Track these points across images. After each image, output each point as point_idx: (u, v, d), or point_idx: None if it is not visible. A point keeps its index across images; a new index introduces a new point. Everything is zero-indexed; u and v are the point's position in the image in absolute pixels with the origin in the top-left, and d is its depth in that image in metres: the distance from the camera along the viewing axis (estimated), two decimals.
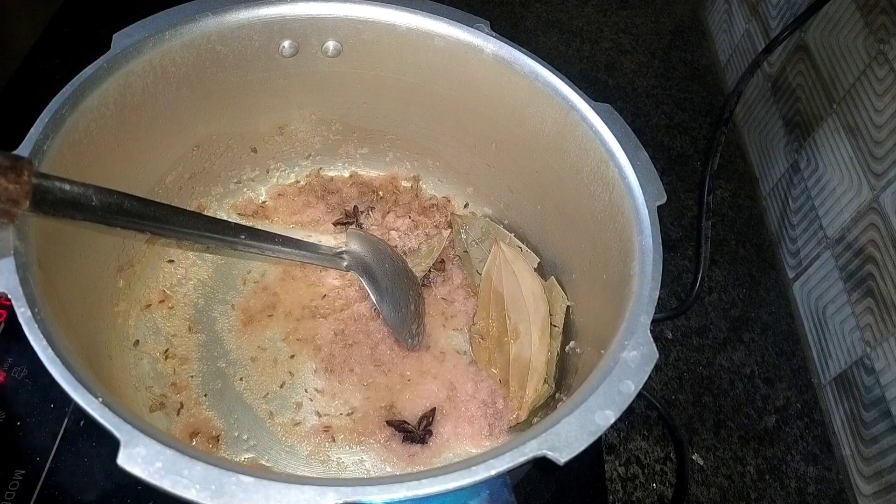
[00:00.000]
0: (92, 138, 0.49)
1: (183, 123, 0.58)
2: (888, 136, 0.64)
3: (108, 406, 0.35)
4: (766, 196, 0.85)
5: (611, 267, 0.51)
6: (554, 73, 0.55)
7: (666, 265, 0.46)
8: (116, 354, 0.55)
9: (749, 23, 0.92)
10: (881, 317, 0.62)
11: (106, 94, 0.49)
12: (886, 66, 0.65)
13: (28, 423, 0.54)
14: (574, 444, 0.37)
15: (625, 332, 0.43)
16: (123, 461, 0.33)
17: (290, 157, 0.68)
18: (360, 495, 0.34)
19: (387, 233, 0.67)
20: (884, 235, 0.63)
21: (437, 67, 0.58)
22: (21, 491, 0.51)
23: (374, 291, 0.61)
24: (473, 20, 0.56)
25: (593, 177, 0.53)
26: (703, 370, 0.70)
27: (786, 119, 0.82)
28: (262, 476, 0.34)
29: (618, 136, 0.52)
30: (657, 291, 0.44)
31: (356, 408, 0.57)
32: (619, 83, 0.97)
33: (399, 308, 0.60)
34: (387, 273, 0.62)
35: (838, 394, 0.68)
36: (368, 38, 0.58)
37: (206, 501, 0.33)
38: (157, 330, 0.59)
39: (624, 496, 0.61)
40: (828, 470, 0.65)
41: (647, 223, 0.48)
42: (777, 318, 0.75)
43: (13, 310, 0.38)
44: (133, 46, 0.51)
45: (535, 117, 0.57)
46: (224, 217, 0.65)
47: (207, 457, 0.34)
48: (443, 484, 0.35)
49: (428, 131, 0.65)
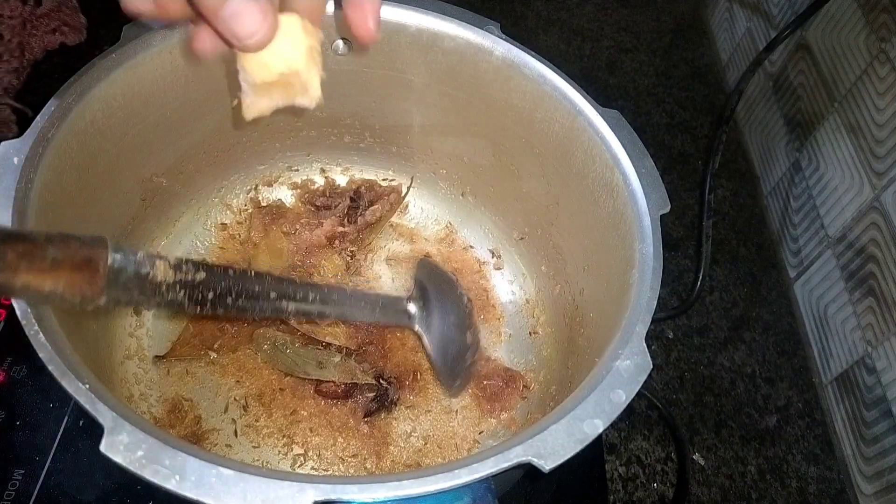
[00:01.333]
0: (98, 128, 0.49)
1: (191, 117, 0.58)
2: (889, 134, 0.64)
3: (94, 393, 0.35)
4: (768, 195, 0.85)
5: (612, 276, 0.51)
6: (562, 78, 0.55)
7: (667, 264, 0.46)
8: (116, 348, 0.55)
9: (750, 21, 0.92)
10: (882, 316, 0.62)
11: (114, 84, 0.49)
12: (888, 64, 0.65)
13: (28, 422, 0.54)
14: (560, 452, 0.36)
15: (619, 341, 0.42)
16: (106, 448, 0.33)
17: (295, 154, 0.68)
18: (339, 493, 0.33)
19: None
20: (885, 235, 0.63)
21: (446, 68, 0.58)
22: (20, 491, 0.51)
23: (433, 351, 0.56)
24: (484, 22, 0.56)
25: (598, 183, 0.53)
26: (704, 370, 0.70)
27: (787, 118, 0.81)
28: (243, 470, 0.34)
29: (624, 142, 0.52)
30: (655, 301, 0.44)
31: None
32: (619, 82, 0.97)
33: (455, 362, 0.57)
34: (451, 325, 0.57)
35: (839, 393, 0.68)
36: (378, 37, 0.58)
37: (185, 493, 0.33)
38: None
39: (624, 496, 0.61)
40: (829, 470, 0.65)
41: (649, 231, 0.47)
42: (778, 318, 0.75)
43: (13, 309, 0.37)
44: (142, 38, 0.51)
45: (542, 121, 0.57)
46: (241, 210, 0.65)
47: (190, 448, 0.34)
48: (424, 486, 0.35)
49: (435, 132, 0.65)
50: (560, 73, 0.55)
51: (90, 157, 0.49)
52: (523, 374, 0.61)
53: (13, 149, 0.43)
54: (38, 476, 0.52)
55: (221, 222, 0.66)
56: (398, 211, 0.69)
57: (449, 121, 0.63)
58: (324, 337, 0.59)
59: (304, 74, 0.37)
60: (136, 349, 0.57)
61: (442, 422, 0.58)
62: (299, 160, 0.69)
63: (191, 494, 0.33)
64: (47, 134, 0.45)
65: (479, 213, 0.69)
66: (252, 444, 0.55)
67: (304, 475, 0.39)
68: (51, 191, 0.44)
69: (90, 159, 0.49)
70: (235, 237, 0.66)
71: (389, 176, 0.70)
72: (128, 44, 0.50)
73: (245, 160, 0.66)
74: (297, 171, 0.70)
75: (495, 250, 0.68)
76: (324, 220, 0.65)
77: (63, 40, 0.70)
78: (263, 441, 0.55)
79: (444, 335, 0.57)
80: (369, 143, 0.68)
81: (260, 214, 0.66)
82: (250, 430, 0.55)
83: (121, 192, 0.55)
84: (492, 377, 0.60)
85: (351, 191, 0.68)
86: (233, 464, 0.34)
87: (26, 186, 0.42)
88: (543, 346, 0.62)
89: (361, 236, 0.66)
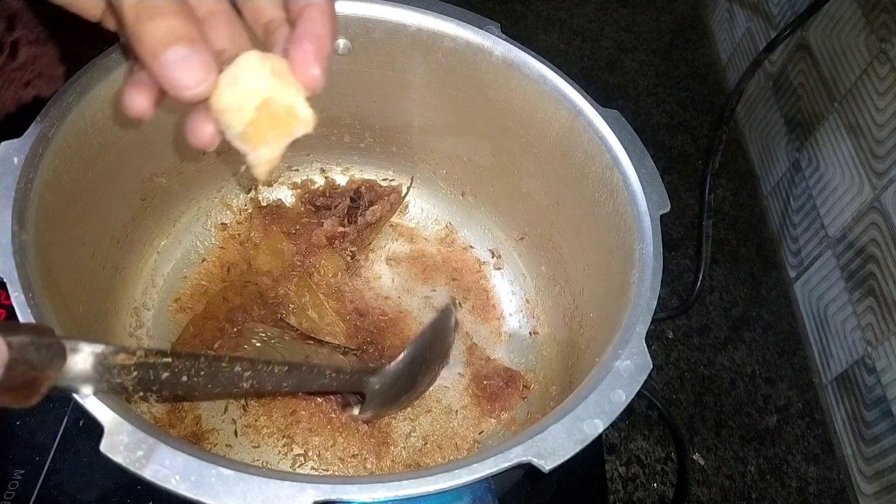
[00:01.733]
0: (98, 128, 0.49)
1: None
2: (889, 134, 0.64)
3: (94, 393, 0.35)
4: (768, 195, 0.85)
5: (613, 276, 0.51)
6: (562, 78, 0.55)
7: (667, 264, 0.46)
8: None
9: (750, 21, 0.92)
10: (882, 316, 0.62)
11: (114, 84, 0.49)
12: (888, 64, 0.65)
13: (28, 422, 0.54)
14: (560, 452, 0.36)
15: (619, 340, 0.42)
16: (106, 448, 0.33)
17: (295, 154, 0.68)
18: (339, 493, 0.33)
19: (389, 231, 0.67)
20: (885, 235, 0.63)
21: (446, 68, 0.58)
22: (20, 491, 0.51)
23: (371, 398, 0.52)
24: (484, 22, 0.56)
25: (598, 183, 0.53)
26: (704, 370, 0.70)
27: (787, 118, 0.81)
28: (243, 470, 0.34)
29: (624, 142, 0.52)
30: (655, 301, 0.44)
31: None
32: (619, 82, 0.97)
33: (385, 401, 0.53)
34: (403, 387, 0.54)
35: (839, 393, 0.68)
36: (378, 37, 0.58)
37: (185, 493, 0.33)
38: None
39: (625, 496, 0.61)
40: (829, 470, 0.65)
41: (649, 232, 0.47)
42: (778, 318, 0.75)
43: (13, 309, 0.37)
44: None
45: (542, 121, 0.57)
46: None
47: (190, 448, 0.34)
48: (424, 486, 0.34)
49: (435, 132, 0.65)
50: (560, 73, 0.55)
51: (90, 157, 0.49)
52: (523, 374, 0.61)
53: (13, 149, 0.43)
54: (38, 476, 0.52)
55: (221, 222, 0.66)
56: (398, 211, 0.69)
57: (449, 121, 0.63)
58: (323, 336, 0.59)
59: (281, 97, 0.35)
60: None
61: (442, 422, 0.58)
62: (299, 160, 0.69)
63: (191, 494, 0.33)
64: (47, 134, 0.45)
65: (479, 213, 0.69)
66: (252, 444, 0.55)
67: (304, 475, 0.39)
68: (51, 191, 0.44)
69: (90, 159, 0.49)
70: (235, 237, 0.66)
71: (389, 176, 0.70)
72: None
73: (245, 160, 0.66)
74: (297, 171, 0.69)
75: (495, 250, 0.68)
76: (324, 219, 0.65)
77: (37, 94, 0.67)
78: (263, 441, 0.55)
79: (389, 394, 0.53)
80: (369, 143, 0.68)
81: (260, 214, 0.66)
82: (250, 430, 0.55)
83: (121, 192, 0.55)
84: (492, 377, 0.60)
85: (351, 191, 0.68)
86: (233, 464, 0.34)
87: (26, 186, 0.42)
88: (543, 346, 0.62)
89: (362, 236, 0.66)
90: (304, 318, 0.60)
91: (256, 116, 0.35)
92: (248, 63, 0.34)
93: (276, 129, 0.36)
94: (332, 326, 0.60)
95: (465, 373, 0.61)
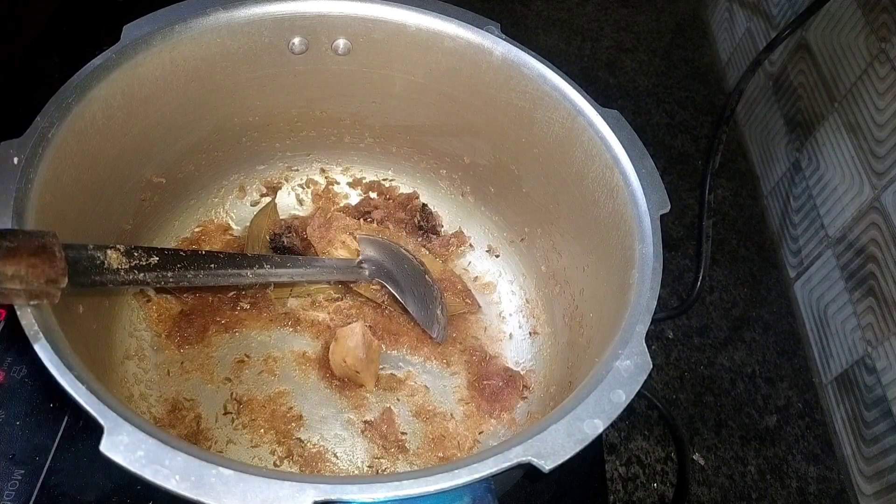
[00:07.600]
0: (98, 128, 0.49)
1: (191, 117, 0.58)
2: (889, 134, 0.64)
3: (94, 393, 0.35)
4: (768, 195, 0.85)
5: (612, 276, 0.51)
6: (562, 78, 0.55)
7: (667, 264, 0.46)
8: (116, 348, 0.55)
9: (750, 21, 0.92)
10: (882, 316, 0.62)
11: (114, 84, 0.50)
12: (888, 64, 0.65)
13: (27, 422, 0.54)
14: (560, 452, 0.37)
15: (619, 341, 0.42)
16: (106, 448, 0.33)
17: (295, 154, 0.68)
18: (339, 493, 0.33)
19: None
20: (885, 234, 0.63)
21: (446, 68, 0.58)
22: (20, 491, 0.51)
23: (400, 294, 0.61)
24: (484, 22, 0.56)
25: (598, 183, 0.53)
26: (704, 370, 0.70)
27: (787, 118, 0.81)
28: (243, 470, 0.34)
29: (624, 142, 0.52)
30: (655, 302, 0.44)
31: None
32: (620, 82, 0.97)
33: (426, 305, 0.61)
34: (407, 274, 0.62)
35: (839, 393, 0.68)
36: (378, 37, 0.58)
37: (185, 493, 0.33)
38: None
39: (625, 496, 0.61)
40: (829, 470, 0.65)
41: (649, 232, 0.47)
42: (778, 318, 0.75)
43: (13, 309, 0.37)
44: (142, 38, 0.51)
45: (542, 121, 0.57)
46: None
47: (190, 447, 0.34)
48: (424, 486, 0.35)
49: (435, 132, 0.65)
50: (560, 73, 0.55)
51: (90, 157, 0.49)
52: (523, 374, 0.61)
53: (13, 149, 0.43)
54: (38, 476, 0.52)
55: (221, 223, 0.66)
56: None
57: (449, 121, 0.63)
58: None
59: (363, 374, 0.57)
60: (136, 349, 0.57)
61: (442, 422, 0.58)
62: (299, 160, 0.69)
63: (191, 494, 0.33)
64: (47, 134, 0.45)
65: (479, 213, 0.69)
66: (252, 444, 0.55)
67: (304, 475, 0.39)
68: (51, 191, 0.44)
69: (90, 159, 0.49)
70: (235, 239, 0.66)
71: (389, 176, 0.70)
72: (127, 44, 0.50)
73: (245, 160, 0.66)
74: (297, 171, 0.70)
75: (495, 250, 0.68)
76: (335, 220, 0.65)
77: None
78: (262, 441, 0.55)
79: (404, 280, 0.61)
80: (369, 143, 0.68)
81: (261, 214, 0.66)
82: (250, 430, 0.55)
83: (121, 192, 0.55)
84: (492, 377, 0.60)
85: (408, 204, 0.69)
86: (233, 464, 0.34)
87: (26, 186, 0.42)
88: (543, 346, 0.62)
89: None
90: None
91: (344, 373, 0.58)
92: (352, 338, 0.56)
93: (353, 378, 0.58)
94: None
95: (465, 373, 0.61)
